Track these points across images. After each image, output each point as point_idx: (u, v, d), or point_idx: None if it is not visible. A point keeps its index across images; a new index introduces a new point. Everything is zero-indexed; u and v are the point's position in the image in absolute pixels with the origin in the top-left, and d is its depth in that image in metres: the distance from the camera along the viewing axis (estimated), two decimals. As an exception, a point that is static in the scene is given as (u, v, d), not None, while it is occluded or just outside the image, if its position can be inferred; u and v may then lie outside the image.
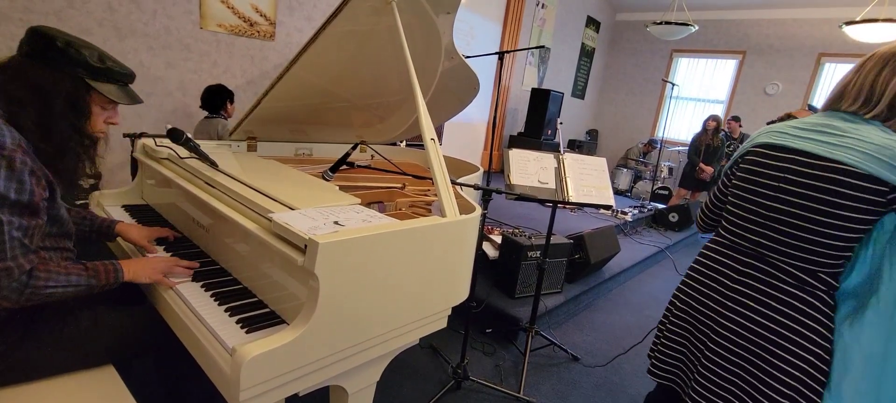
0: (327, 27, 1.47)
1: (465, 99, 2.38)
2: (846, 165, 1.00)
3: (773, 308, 1.10)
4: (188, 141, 1.47)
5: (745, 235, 1.17)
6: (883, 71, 1.03)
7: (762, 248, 1.13)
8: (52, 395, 1.07)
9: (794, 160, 1.08)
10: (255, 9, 3.66)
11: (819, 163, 1.04)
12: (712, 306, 1.20)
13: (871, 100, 1.03)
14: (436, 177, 1.28)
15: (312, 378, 0.99)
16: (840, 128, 1.04)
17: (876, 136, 0.99)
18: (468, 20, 5.62)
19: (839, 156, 1.01)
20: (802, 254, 1.07)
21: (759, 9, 7.31)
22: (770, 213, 1.12)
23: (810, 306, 1.06)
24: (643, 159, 7.44)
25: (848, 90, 1.08)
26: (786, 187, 1.09)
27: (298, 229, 0.96)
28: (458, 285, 1.32)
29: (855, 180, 0.99)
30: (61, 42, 1.04)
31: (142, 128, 3.25)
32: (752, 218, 1.16)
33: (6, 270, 0.91)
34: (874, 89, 1.03)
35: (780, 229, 1.10)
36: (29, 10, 2.67)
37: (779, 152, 1.12)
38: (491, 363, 2.42)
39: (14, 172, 0.94)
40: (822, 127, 1.07)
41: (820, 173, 1.04)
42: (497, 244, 2.97)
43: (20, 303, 0.95)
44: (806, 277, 1.07)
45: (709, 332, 1.20)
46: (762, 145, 1.16)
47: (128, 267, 1.14)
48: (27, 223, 0.96)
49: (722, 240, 1.24)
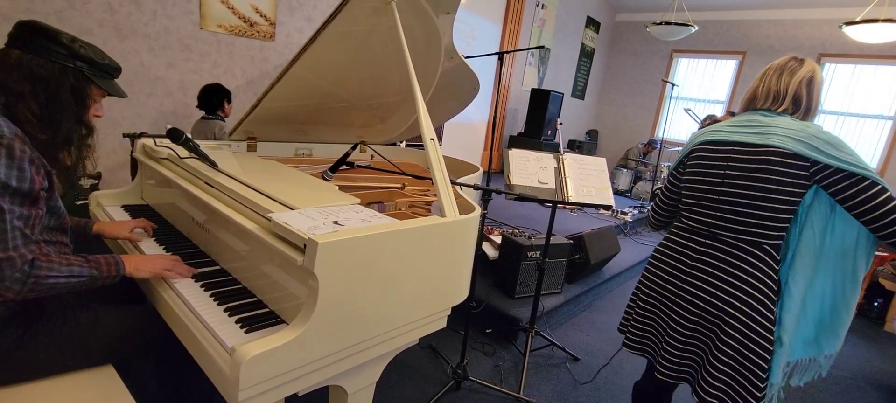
0: (327, 27, 1.48)
1: (464, 99, 2.38)
2: (774, 147, 1.22)
3: (729, 272, 1.30)
4: (188, 141, 1.47)
5: (699, 219, 1.38)
6: (782, 76, 1.31)
7: (715, 228, 1.34)
8: (52, 395, 1.07)
9: (733, 150, 1.31)
10: (255, 9, 3.66)
11: (753, 148, 1.26)
12: (676, 281, 1.41)
13: (779, 98, 1.30)
14: (435, 177, 1.28)
15: (312, 377, 0.99)
16: (762, 122, 1.28)
17: (791, 124, 1.23)
18: (468, 20, 5.62)
19: (767, 141, 1.23)
20: (748, 228, 1.27)
21: (759, 9, 7.31)
22: (719, 197, 1.32)
23: (758, 270, 1.26)
24: (643, 159, 7.44)
25: (758, 94, 1.35)
26: (729, 173, 1.30)
27: (298, 229, 0.96)
28: (458, 285, 1.32)
29: (783, 158, 1.20)
30: (67, 38, 1.07)
31: (142, 128, 3.25)
32: (704, 204, 1.37)
33: (8, 259, 0.90)
34: (779, 90, 1.30)
35: (728, 209, 1.30)
36: (30, 10, 2.67)
37: (719, 146, 1.34)
38: (491, 363, 2.42)
39: (14, 160, 0.94)
40: (748, 122, 1.31)
41: (755, 157, 1.25)
42: (497, 244, 2.97)
43: (22, 294, 0.94)
44: (753, 248, 1.27)
45: (673, 304, 1.41)
46: (705, 142, 1.39)
47: (129, 260, 1.14)
48: (28, 212, 0.96)
49: (681, 225, 1.46)
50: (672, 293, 1.41)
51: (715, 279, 1.32)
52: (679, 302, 1.39)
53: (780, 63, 1.34)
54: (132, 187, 1.82)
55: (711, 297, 1.32)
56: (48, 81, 1.05)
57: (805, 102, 1.29)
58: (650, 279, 1.51)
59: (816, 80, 1.29)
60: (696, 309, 1.35)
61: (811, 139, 1.18)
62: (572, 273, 3.16)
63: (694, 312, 1.36)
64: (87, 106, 1.13)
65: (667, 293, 1.43)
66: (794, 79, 1.29)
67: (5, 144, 0.93)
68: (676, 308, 1.40)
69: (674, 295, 1.41)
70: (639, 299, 1.55)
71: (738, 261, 1.29)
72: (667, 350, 1.40)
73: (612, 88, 9.23)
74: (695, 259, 1.37)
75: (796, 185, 1.20)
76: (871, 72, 6.69)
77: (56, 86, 1.06)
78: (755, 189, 1.24)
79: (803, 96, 1.28)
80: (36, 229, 0.99)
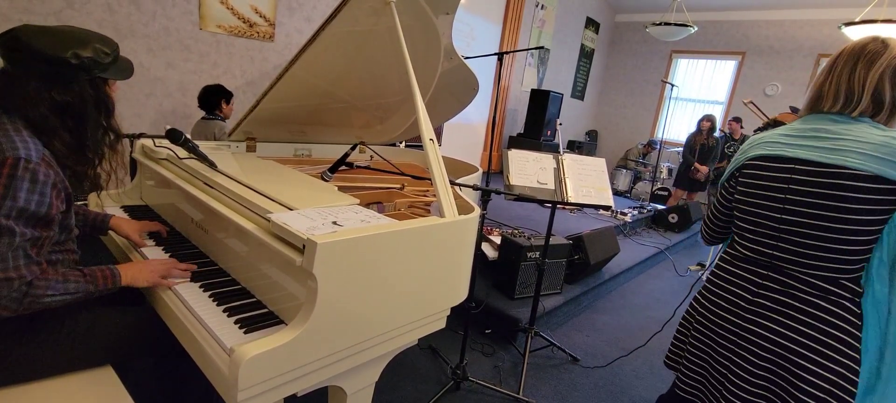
0: (326, 28, 1.47)
1: (464, 99, 2.38)
2: (848, 169, 0.97)
3: (796, 318, 1.07)
4: (187, 141, 1.47)
5: (758, 248, 1.14)
6: (857, 67, 1.02)
7: (778, 261, 1.10)
8: (50, 396, 1.07)
9: (795, 170, 1.06)
10: (255, 10, 3.66)
11: (820, 170, 1.02)
12: (736, 319, 1.17)
13: (853, 99, 1.02)
14: (435, 178, 1.28)
15: (311, 378, 0.99)
16: (832, 131, 1.03)
17: (871, 135, 0.98)
18: (468, 21, 5.62)
19: (839, 161, 0.99)
20: (820, 263, 1.04)
21: (758, 10, 7.32)
22: (781, 226, 1.09)
23: (834, 315, 1.03)
24: (643, 160, 7.44)
25: (825, 91, 1.07)
26: (792, 198, 1.06)
27: (297, 229, 0.96)
28: (457, 285, 1.32)
29: (860, 182, 0.96)
30: (73, 58, 1.03)
31: (141, 128, 3.25)
32: (763, 232, 1.13)
33: (7, 280, 0.91)
34: (852, 87, 1.02)
35: (794, 240, 1.07)
36: (29, 11, 2.67)
37: (777, 163, 1.10)
38: (490, 363, 2.41)
39: (37, 185, 0.96)
40: (813, 132, 1.05)
41: (823, 180, 1.01)
42: (496, 244, 2.97)
43: (18, 312, 0.95)
44: (827, 285, 1.04)
45: (735, 346, 1.17)
46: (758, 158, 1.14)
47: (125, 271, 1.14)
48: (39, 234, 0.98)
49: (736, 254, 1.21)
50: (732, 333, 1.18)
51: (783, 320, 1.08)
52: (742, 346, 1.16)
53: (856, 47, 1.03)
54: (131, 188, 1.82)
55: (779, 345, 1.09)
56: (72, 106, 1.05)
57: (890, 100, 1.00)
58: (704, 314, 1.26)
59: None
60: (762, 355, 1.12)
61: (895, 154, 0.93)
62: (572, 273, 3.16)
63: (760, 358, 1.12)
64: (110, 108, 1.14)
65: (725, 332, 1.20)
66: (873, 71, 1.00)
67: (31, 169, 0.95)
68: (739, 351, 1.16)
69: (735, 337, 1.17)
70: (691, 335, 1.31)
71: (808, 302, 1.05)
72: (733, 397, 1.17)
73: (611, 89, 9.24)
74: (757, 294, 1.14)
75: (881, 212, 0.96)
76: (870, 72, 6.69)
77: (80, 107, 1.06)
78: (827, 218, 1.01)
79: (886, 92, 1.00)
80: (44, 249, 1.01)
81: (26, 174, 0.94)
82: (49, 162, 1.00)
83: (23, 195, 0.93)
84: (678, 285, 4.15)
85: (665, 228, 5.42)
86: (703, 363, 1.27)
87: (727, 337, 1.19)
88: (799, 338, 1.06)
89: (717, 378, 1.22)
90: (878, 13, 4.84)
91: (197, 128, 3.04)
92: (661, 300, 3.73)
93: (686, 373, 1.32)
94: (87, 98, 1.08)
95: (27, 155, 0.95)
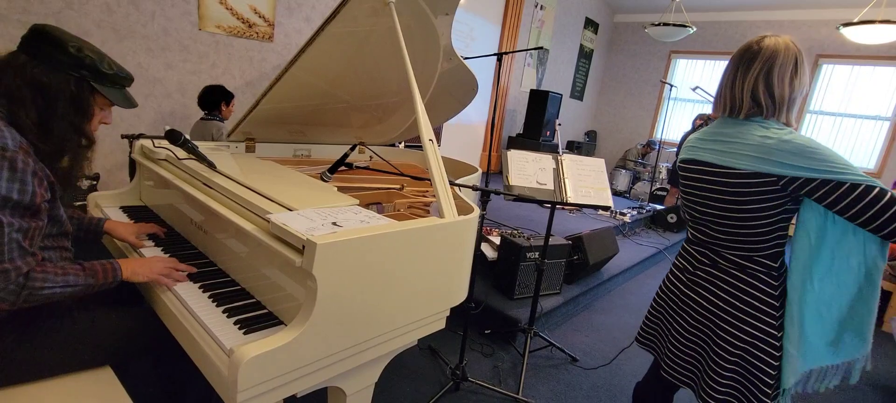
0: (326, 28, 1.47)
1: (463, 100, 2.38)
2: (736, 169, 1.13)
3: (722, 287, 1.25)
4: (186, 142, 1.47)
5: (697, 231, 1.33)
6: (736, 75, 1.16)
7: (710, 241, 1.28)
8: (49, 396, 1.07)
9: (703, 170, 1.23)
10: (254, 10, 3.66)
11: (719, 170, 1.17)
12: (681, 286, 1.38)
13: (736, 107, 1.16)
14: (434, 178, 1.28)
15: (310, 379, 0.99)
16: (727, 135, 1.17)
17: (753, 137, 1.11)
18: (467, 22, 5.63)
19: (730, 162, 1.14)
20: (737, 244, 1.21)
21: (756, 10, 7.33)
22: (705, 215, 1.27)
23: (750, 285, 1.20)
24: (642, 160, 7.45)
25: (717, 100, 1.22)
26: (707, 194, 1.23)
27: (296, 230, 0.96)
28: (457, 286, 1.32)
29: (747, 179, 1.11)
30: (73, 47, 1.05)
31: (140, 129, 3.25)
32: (697, 218, 1.31)
33: (3, 272, 0.90)
34: (735, 97, 1.16)
35: (716, 226, 1.25)
36: (27, 11, 2.67)
37: (693, 165, 1.27)
38: (489, 364, 2.42)
39: (16, 173, 0.94)
40: (716, 135, 1.21)
41: (722, 179, 1.17)
42: (496, 245, 2.97)
43: (17, 305, 0.95)
44: (745, 263, 1.21)
45: (678, 308, 1.38)
46: (683, 160, 1.32)
47: (126, 265, 1.14)
48: (28, 224, 0.96)
49: (689, 236, 1.41)
50: (677, 297, 1.40)
51: (712, 288, 1.28)
52: (682, 308, 1.37)
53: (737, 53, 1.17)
54: (130, 188, 1.82)
55: (707, 309, 1.28)
56: (47, 89, 1.04)
57: (767, 102, 1.12)
58: (665, 283, 1.49)
59: (777, 66, 1.10)
60: (696, 317, 1.32)
61: (772, 153, 1.07)
62: (571, 273, 3.16)
63: (693, 320, 1.33)
64: (88, 115, 1.12)
65: (673, 297, 1.42)
66: (747, 80, 1.13)
67: (8, 157, 0.93)
68: (679, 313, 1.38)
69: (678, 300, 1.39)
70: (654, 299, 1.55)
71: (731, 275, 1.23)
72: (671, 352, 1.40)
73: (610, 89, 9.25)
74: (696, 267, 1.33)
75: (774, 201, 1.11)
76: (868, 73, 6.71)
77: (54, 95, 1.05)
78: (731, 210, 1.17)
79: (762, 95, 1.12)
80: (36, 240, 0.99)
81: (4, 162, 0.93)
82: (27, 150, 0.98)
83: (3, 184, 0.92)
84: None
85: (664, 228, 5.43)
86: (657, 318, 1.50)
87: (673, 300, 1.41)
88: (722, 304, 1.24)
89: (665, 332, 1.45)
90: (876, 14, 4.85)
91: (195, 129, 3.04)
92: (661, 300, 3.73)
93: (643, 328, 1.55)
94: (65, 90, 1.06)
95: (3, 143, 0.93)
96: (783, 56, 1.11)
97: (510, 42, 6.25)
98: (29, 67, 1.02)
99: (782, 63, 1.11)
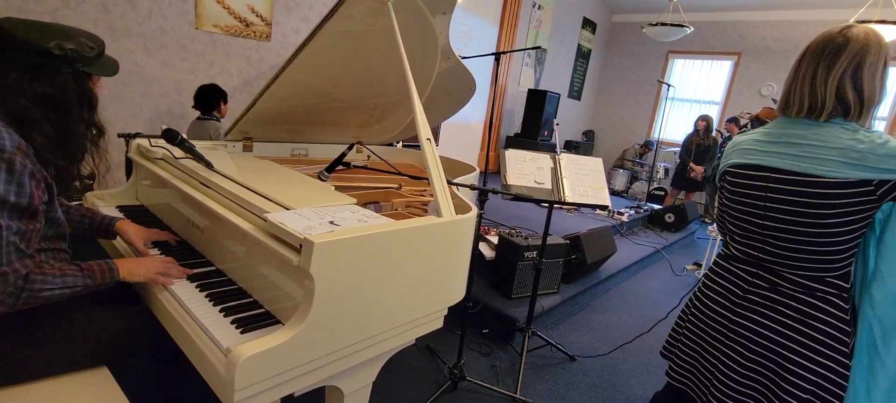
0: (323, 27, 1.47)
1: (461, 99, 2.38)
2: (818, 177, 0.98)
3: (784, 314, 1.08)
4: (183, 141, 1.47)
5: (746, 249, 1.16)
6: (819, 69, 1.01)
7: (765, 260, 1.12)
8: (46, 397, 1.06)
9: (770, 178, 1.07)
10: (251, 9, 3.65)
11: (794, 177, 1.03)
12: (727, 313, 1.19)
13: (816, 107, 1.01)
14: (432, 178, 1.28)
15: (308, 378, 0.99)
16: (802, 137, 1.03)
17: (838, 139, 0.97)
18: (465, 21, 5.62)
19: (809, 169, 0.99)
20: (805, 262, 1.05)
21: (754, 10, 7.35)
22: (765, 230, 1.10)
23: (821, 310, 1.04)
24: (639, 160, 7.46)
25: (791, 97, 1.06)
26: (771, 205, 1.07)
27: (294, 229, 0.95)
28: (455, 285, 1.32)
29: (831, 189, 0.97)
30: (57, 49, 1.01)
31: (137, 128, 3.24)
32: (749, 233, 1.15)
33: (2, 275, 0.90)
34: (816, 94, 1.01)
35: (778, 242, 1.08)
36: (24, 10, 2.66)
37: (753, 171, 1.11)
38: (487, 363, 2.42)
39: (14, 175, 0.93)
40: (785, 138, 1.06)
41: (797, 188, 1.02)
42: (494, 244, 2.97)
43: (16, 307, 0.94)
44: (815, 284, 1.05)
45: (726, 339, 1.18)
46: (735, 166, 1.16)
47: (123, 265, 1.13)
48: (25, 227, 0.96)
49: (728, 253, 1.23)
50: (723, 326, 1.19)
51: (771, 314, 1.09)
52: (731, 339, 1.17)
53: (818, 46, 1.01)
54: (127, 188, 1.81)
55: (766, 339, 1.10)
56: (55, 98, 1.03)
57: (855, 101, 0.98)
58: (698, 308, 1.29)
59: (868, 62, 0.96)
60: (753, 349, 1.13)
61: (865, 158, 0.93)
62: (569, 273, 3.16)
63: (750, 351, 1.13)
64: (93, 103, 1.12)
65: (717, 325, 1.21)
66: (832, 76, 0.98)
67: (6, 158, 0.92)
68: (730, 344, 1.17)
69: (725, 330, 1.19)
70: (685, 328, 1.34)
71: (796, 300, 1.06)
72: (719, 391, 1.18)
73: (608, 89, 9.26)
74: (747, 290, 1.15)
75: (861, 211, 0.96)
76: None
77: (65, 101, 1.04)
78: (805, 224, 1.01)
79: (849, 94, 0.98)
80: (33, 242, 0.99)
81: (2, 164, 0.92)
82: (25, 151, 0.97)
83: (1, 186, 0.91)
84: (675, 284, 4.16)
85: (662, 228, 5.44)
86: (695, 354, 1.29)
87: (718, 331, 1.21)
88: (786, 332, 1.07)
89: (708, 368, 1.24)
90: (871, 14, 4.87)
91: (192, 129, 3.02)
92: (658, 299, 3.74)
93: (677, 363, 1.34)
94: (70, 91, 1.05)
95: (0, 145, 0.92)
96: (874, 50, 0.97)
97: (508, 41, 6.25)
98: (26, 84, 0.99)
99: (874, 58, 0.97)
